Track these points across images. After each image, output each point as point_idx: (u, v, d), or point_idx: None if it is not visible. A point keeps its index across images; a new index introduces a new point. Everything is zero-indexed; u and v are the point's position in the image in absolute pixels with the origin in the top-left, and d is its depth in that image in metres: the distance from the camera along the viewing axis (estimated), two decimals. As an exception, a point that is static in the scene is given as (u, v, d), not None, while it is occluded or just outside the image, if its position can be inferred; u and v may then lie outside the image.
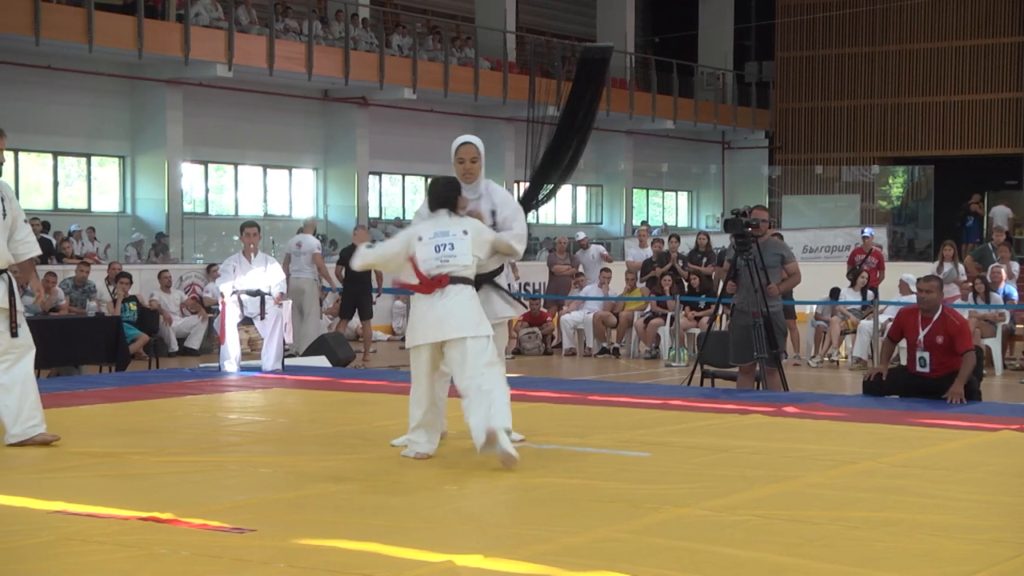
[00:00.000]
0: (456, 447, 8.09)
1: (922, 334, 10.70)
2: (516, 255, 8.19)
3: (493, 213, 8.11)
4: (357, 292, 17.86)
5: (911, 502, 6.48)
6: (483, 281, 7.96)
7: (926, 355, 10.68)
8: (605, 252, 22.75)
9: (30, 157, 23.53)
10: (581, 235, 23.77)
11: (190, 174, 25.64)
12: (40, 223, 19.64)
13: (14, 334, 8.08)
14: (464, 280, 7.68)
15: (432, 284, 7.63)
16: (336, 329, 17.99)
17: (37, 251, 8.49)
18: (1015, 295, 17.95)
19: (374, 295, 18.00)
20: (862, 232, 21.66)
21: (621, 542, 5.61)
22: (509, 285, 8.53)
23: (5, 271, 8.09)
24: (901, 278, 17.76)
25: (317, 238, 19.59)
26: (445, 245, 7.68)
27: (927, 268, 24.18)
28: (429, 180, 30.34)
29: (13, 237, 8.14)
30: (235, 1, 24.36)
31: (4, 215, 8.05)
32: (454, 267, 7.66)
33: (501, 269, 8.27)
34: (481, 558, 5.23)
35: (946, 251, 18.89)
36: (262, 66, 24.39)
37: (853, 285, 18.28)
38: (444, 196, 7.88)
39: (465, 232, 7.75)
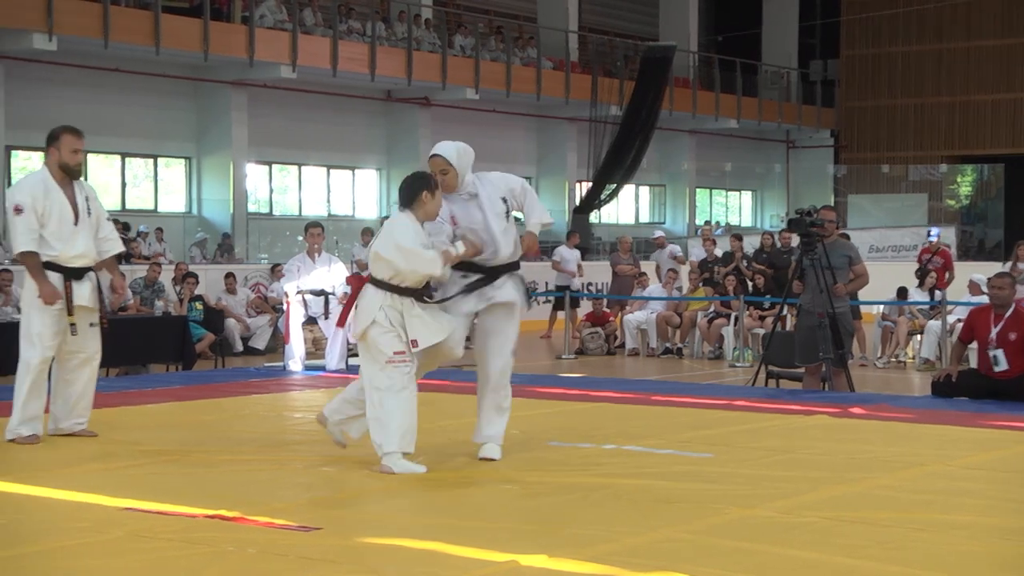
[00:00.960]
0: (522, 450, 8.08)
1: (994, 332, 10.57)
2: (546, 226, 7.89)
3: (504, 200, 7.64)
4: None
5: (979, 505, 6.39)
6: (507, 267, 7.73)
7: (999, 353, 10.55)
8: (679, 253, 22.68)
9: (98, 158, 23.82)
10: (659, 233, 23.59)
11: (254, 175, 25.84)
12: (121, 224, 19.87)
13: (105, 328, 8.33)
14: (372, 281, 7.41)
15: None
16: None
17: (120, 248, 8.76)
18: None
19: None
20: (928, 233, 21.44)
21: (684, 543, 5.58)
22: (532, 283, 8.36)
23: (91, 269, 8.30)
24: (971, 278, 17.53)
25: None
26: (372, 243, 7.70)
27: (996, 268, 23.88)
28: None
29: (96, 235, 8.34)
30: (300, 3, 24.53)
31: (89, 213, 8.26)
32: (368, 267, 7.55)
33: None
34: (545, 558, 5.23)
35: (1021, 251, 18.63)
36: (326, 67, 24.54)
37: (921, 285, 18.08)
38: (400, 192, 7.50)
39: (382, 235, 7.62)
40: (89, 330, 8.29)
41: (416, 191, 7.35)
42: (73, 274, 8.16)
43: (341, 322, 8.09)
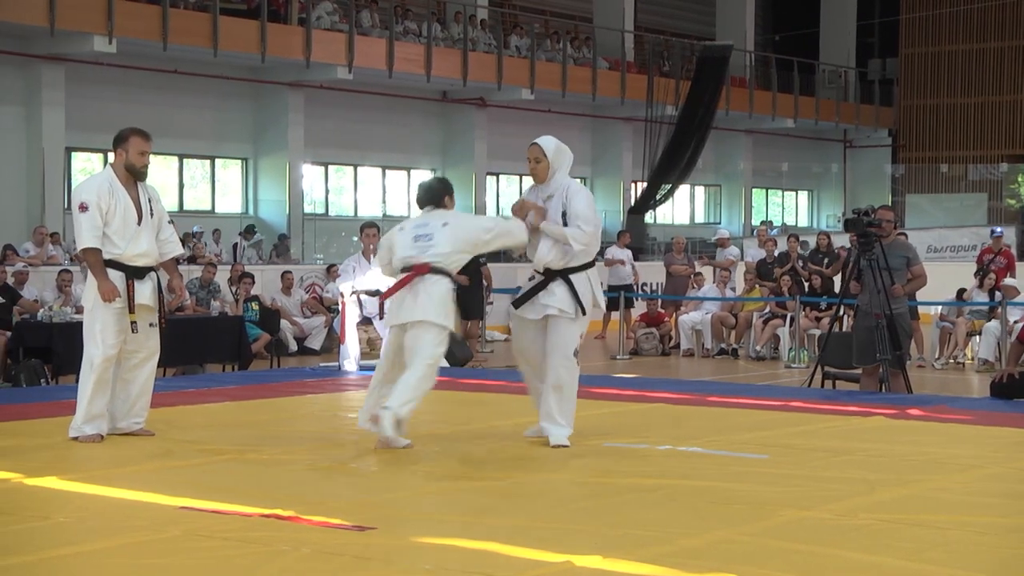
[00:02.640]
0: (576, 450, 8.07)
1: (1055, 334, 10.45)
2: (572, 245, 8.06)
3: (564, 214, 8.08)
4: (467, 292, 17.97)
5: (1041, 508, 6.32)
6: (559, 273, 8.04)
7: (1058, 356, 10.43)
8: (731, 255, 22.56)
9: (157, 159, 23.99)
10: (725, 233, 23.43)
11: (310, 175, 25.99)
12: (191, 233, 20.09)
13: (163, 328, 8.45)
14: (439, 271, 7.95)
15: (416, 269, 7.94)
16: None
17: (180, 250, 8.86)
18: None
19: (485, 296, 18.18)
20: (992, 231, 21.18)
21: (740, 544, 5.56)
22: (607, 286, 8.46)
23: (153, 269, 8.38)
24: (1005, 281, 17.33)
25: None
26: (424, 236, 8.02)
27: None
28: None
29: (158, 236, 8.42)
30: (357, 4, 24.64)
31: (151, 214, 8.35)
32: (431, 256, 7.95)
33: (589, 265, 8.21)
34: (600, 559, 5.22)
35: None
36: (381, 68, 24.63)
37: (981, 286, 17.89)
38: (425, 195, 8.26)
39: (445, 224, 8.04)
40: (149, 330, 8.37)
41: (440, 195, 8.19)
42: (135, 273, 8.25)
43: (386, 296, 8.35)
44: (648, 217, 28.72)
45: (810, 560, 5.29)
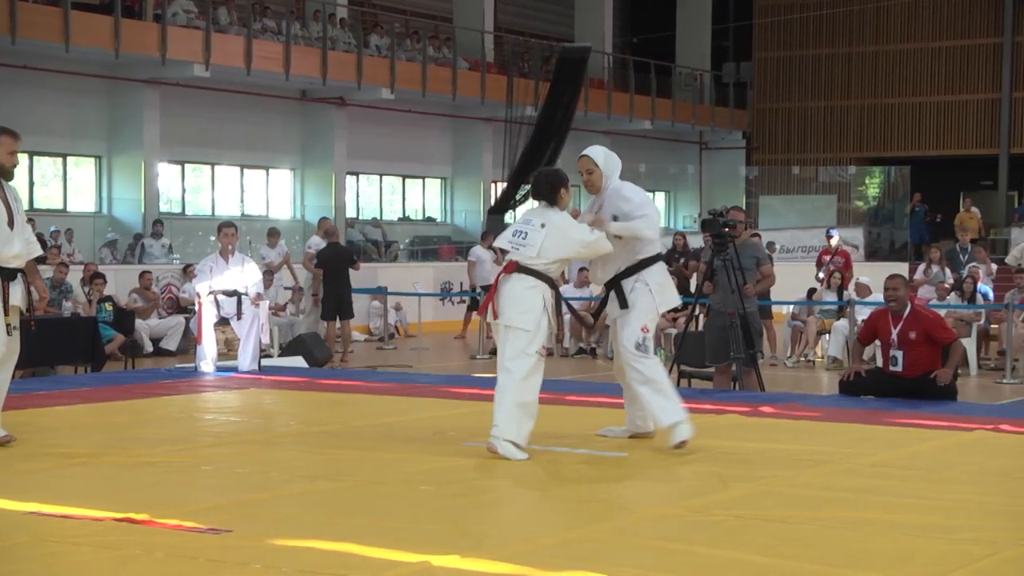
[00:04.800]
0: (436, 450, 8.07)
1: (894, 333, 10.74)
2: (644, 239, 8.11)
3: (615, 218, 8.11)
4: (336, 293, 17.91)
5: (888, 502, 6.50)
6: (632, 271, 8.11)
7: (899, 353, 10.73)
8: None
9: (5, 157, 23.37)
10: None
11: (167, 174, 25.54)
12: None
13: (32, 330, 8.33)
14: (528, 271, 7.82)
15: (505, 267, 7.92)
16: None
17: (40, 251, 8.67)
18: (991, 295, 18.04)
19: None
20: (827, 232, 21.78)
21: (598, 542, 5.61)
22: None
23: (21, 271, 8.22)
24: (858, 280, 17.83)
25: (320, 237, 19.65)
26: (520, 233, 7.93)
27: (903, 268, 24.30)
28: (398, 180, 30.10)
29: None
30: (214, 1, 24.29)
31: (18, 214, 8.18)
32: (520, 256, 7.86)
33: (655, 259, 8.22)
34: (457, 558, 5.23)
35: (932, 254, 18.89)
36: (240, 66, 24.31)
37: (829, 286, 18.32)
38: (538, 188, 8.13)
39: (543, 226, 7.90)
40: (14, 332, 8.17)
41: (555, 187, 7.99)
42: (8, 275, 8.07)
43: (482, 310, 8.21)
44: (508, 217, 28.81)
45: (666, 557, 5.37)
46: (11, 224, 8.07)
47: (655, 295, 8.17)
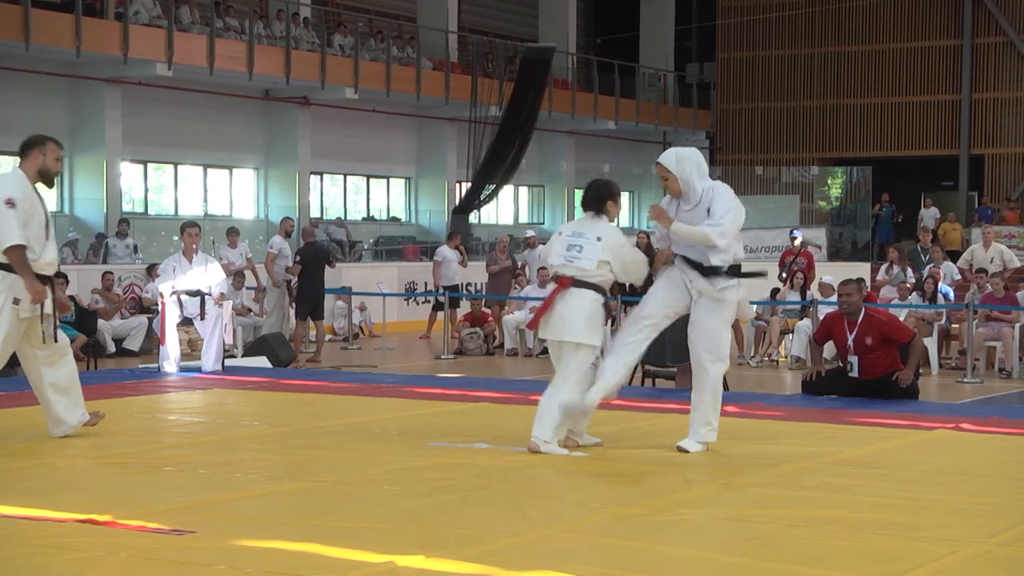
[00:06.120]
0: (400, 450, 8.07)
1: (850, 339, 10.80)
2: (716, 243, 7.90)
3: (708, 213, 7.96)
4: (313, 293, 17.91)
5: (850, 500, 6.54)
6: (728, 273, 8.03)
7: (854, 360, 10.79)
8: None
9: (-34, 156, 23.23)
10: (530, 233, 23.71)
11: (129, 174, 25.40)
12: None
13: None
14: (585, 284, 7.87)
15: (560, 282, 7.93)
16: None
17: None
18: (952, 295, 18.17)
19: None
20: (790, 233, 21.90)
21: (563, 542, 5.63)
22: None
23: (51, 279, 8.25)
24: (821, 280, 17.92)
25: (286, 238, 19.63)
26: (575, 246, 7.93)
27: (865, 268, 24.46)
28: (377, 179, 29.98)
29: None
30: (176, 0, 24.17)
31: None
32: (576, 270, 7.89)
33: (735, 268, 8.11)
34: (422, 558, 5.23)
35: (892, 255, 18.98)
36: (202, 65, 24.21)
37: (791, 286, 18.41)
38: (589, 198, 8.12)
39: (599, 239, 7.91)
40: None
41: (603, 199, 7.98)
42: (44, 282, 8.11)
43: (534, 324, 8.25)
44: (472, 217, 28.82)
45: (629, 556, 5.39)
46: (47, 230, 8.10)
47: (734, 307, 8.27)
